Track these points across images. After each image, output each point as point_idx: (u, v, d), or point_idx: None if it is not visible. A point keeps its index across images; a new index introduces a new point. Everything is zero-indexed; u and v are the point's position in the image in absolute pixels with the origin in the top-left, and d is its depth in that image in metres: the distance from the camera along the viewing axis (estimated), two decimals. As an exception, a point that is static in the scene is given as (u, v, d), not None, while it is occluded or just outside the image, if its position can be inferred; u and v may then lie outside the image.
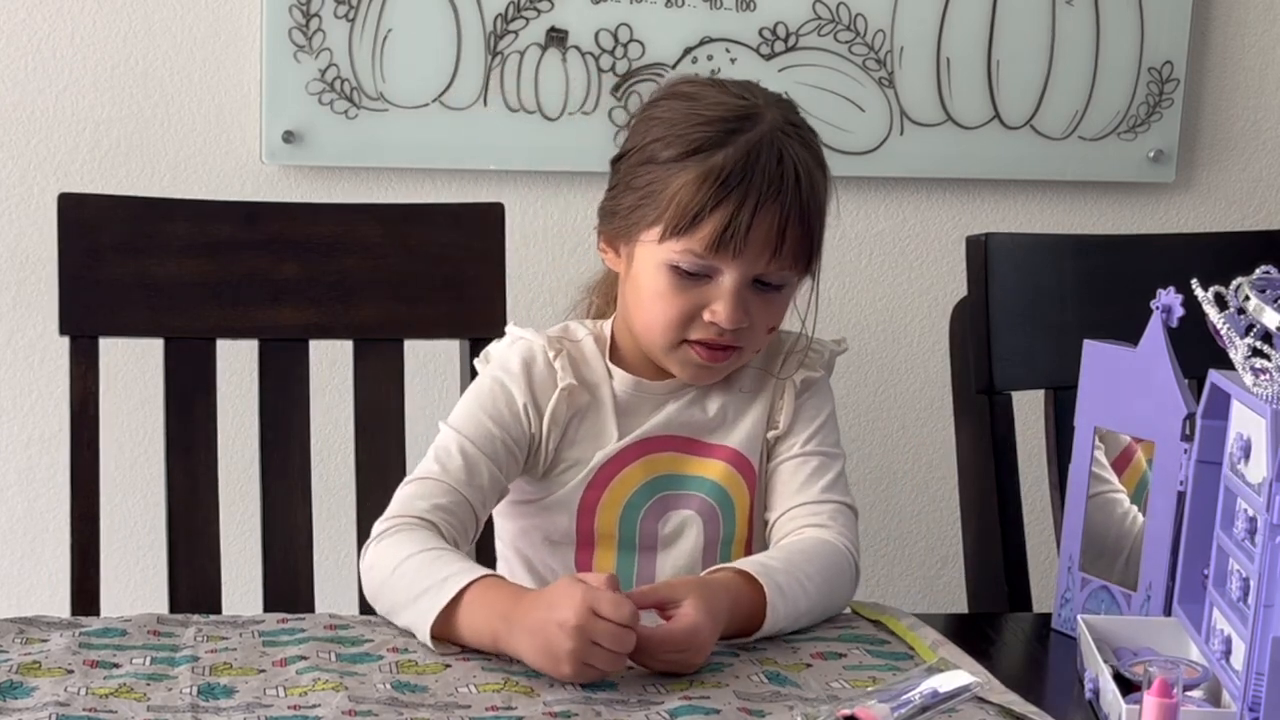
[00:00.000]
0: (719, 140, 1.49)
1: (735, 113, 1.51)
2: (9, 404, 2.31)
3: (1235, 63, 2.53)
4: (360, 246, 1.85)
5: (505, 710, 1.28)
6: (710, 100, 1.53)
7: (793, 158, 1.49)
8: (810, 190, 1.49)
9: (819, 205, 1.51)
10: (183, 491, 1.80)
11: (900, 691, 1.27)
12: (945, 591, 2.56)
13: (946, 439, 2.13)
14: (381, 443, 1.85)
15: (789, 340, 1.65)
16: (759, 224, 1.47)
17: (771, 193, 1.47)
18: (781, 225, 1.48)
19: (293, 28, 2.24)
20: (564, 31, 2.31)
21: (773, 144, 1.49)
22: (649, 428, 1.58)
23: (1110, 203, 2.54)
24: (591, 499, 1.58)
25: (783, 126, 1.51)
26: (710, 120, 1.50)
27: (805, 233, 1.50)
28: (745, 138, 1.49)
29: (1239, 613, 1.34)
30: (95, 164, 2.27)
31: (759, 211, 1.47)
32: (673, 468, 1.59)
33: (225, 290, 1.82)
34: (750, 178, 1.47)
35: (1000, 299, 1.86)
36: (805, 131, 1.54)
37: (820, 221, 1.52)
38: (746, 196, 1.47)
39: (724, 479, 1.60)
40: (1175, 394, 1.50)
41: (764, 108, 1.52)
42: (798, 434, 1.61)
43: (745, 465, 1.60)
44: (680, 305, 1.51)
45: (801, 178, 1.48)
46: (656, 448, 1.59)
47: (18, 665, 1.32)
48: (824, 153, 1.56)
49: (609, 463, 1.58)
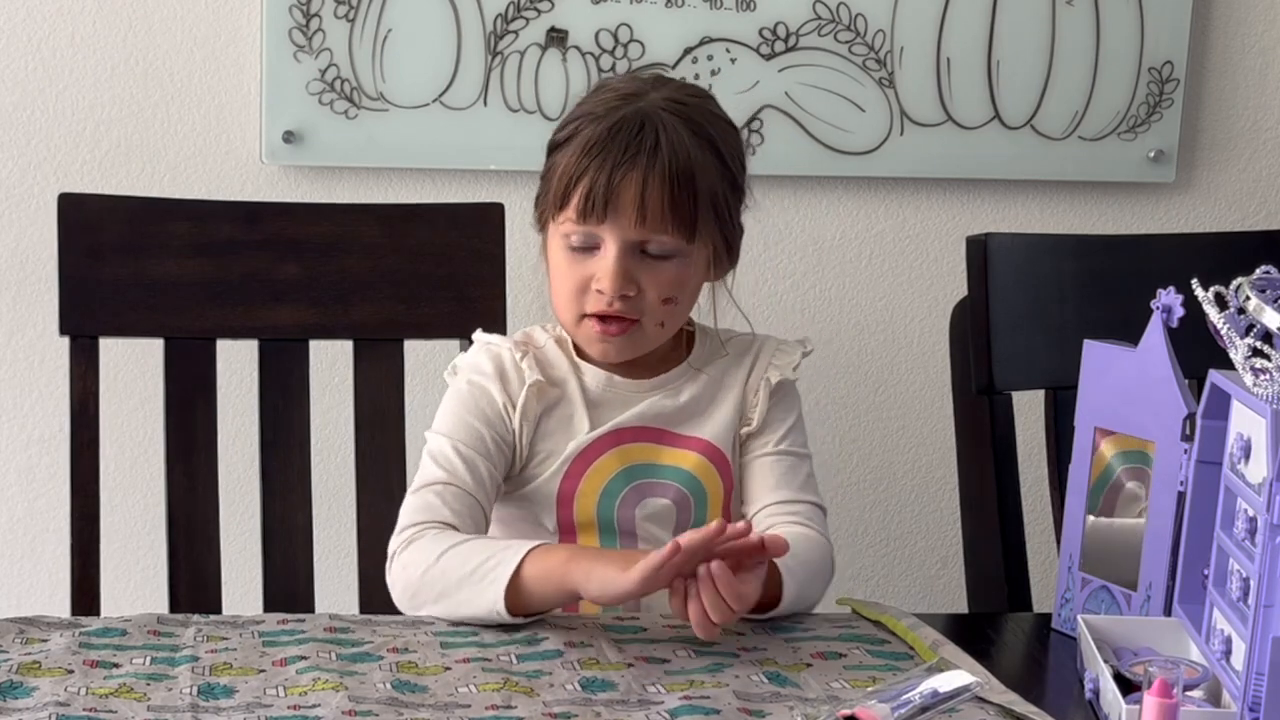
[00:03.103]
0: (597, 120, 1.57)
1: (621, 95, 1.59)
2: (9, 404, 2.31)
3: (1235, 63, 2.53)
4: (360, 246, 1.85)
5: (505, 710, 1.28)
6: (606, 89, 1.62)
7: (658, 128, 1.55)
8: (675, 158, 1.55)
9: (686, 173, 1.55)
10: (183, 491, 1.80)
11: (900, 691, 1.27)
12: (945, 591, 2.57)
13: (946, 439, 2.12)
14: (381, 443, 1.85)
15: (759, 341, 1.70)
16: (622, 189, 1.55)
17: (628, 157, 1.54)
18: (641, 189, 1.54)
19: (293, 28, 2.24)
20: (564, 31, 2.31)
21: (639, 117, 1.56)
22: (621, 419, 1.63)
23: (1110, 203, 2.54)
24: (569, 489, 1.62)
25: (663, 105, 1.58)
26: (596, 105, 1.60)
27: (672, 199, 1.55)
28: (618, 114, 1.57)
29: (1239, 613, 1.34)
30: (95, 164, 2.27)
31: (617, 176, 1.54)
32: (647, 457, 1.63)
33: (225, 290, 1.82)
34: (610, 145, 1.55)
35: (1000, 299, 1.86)
36: (694, 111, 1.59)
37: (691, 190, 1.56)
38: (605, 162, 1.55)
39: (697, 469, 1.64)
40: (1175, 394, 1.50)
41: (650, 91, 1.60)
42: (771, 433, 1.66)
43: (719, 457, 1.65)
44: (573, 278, 1.59)
45: (663, 145, 1.54)
46: (630, 438, 1.63)
47: (18, 665, 1.32)
48: (727, 137, 1.61)
49: (583, 453, 1.62)
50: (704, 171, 1.57)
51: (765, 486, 1.64)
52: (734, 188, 1.62)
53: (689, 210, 1.56)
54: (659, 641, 1.45)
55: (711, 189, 1.58)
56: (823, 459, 2.51)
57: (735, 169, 1.62)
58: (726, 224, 1.61)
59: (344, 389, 1.94)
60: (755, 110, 2.38)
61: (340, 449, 2.14)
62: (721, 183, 1.59)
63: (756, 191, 2.46)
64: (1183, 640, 1.45)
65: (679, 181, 1.55)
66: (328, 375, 2.11)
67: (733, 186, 1.62)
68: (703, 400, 1.66)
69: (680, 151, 1.55)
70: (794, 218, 2.46)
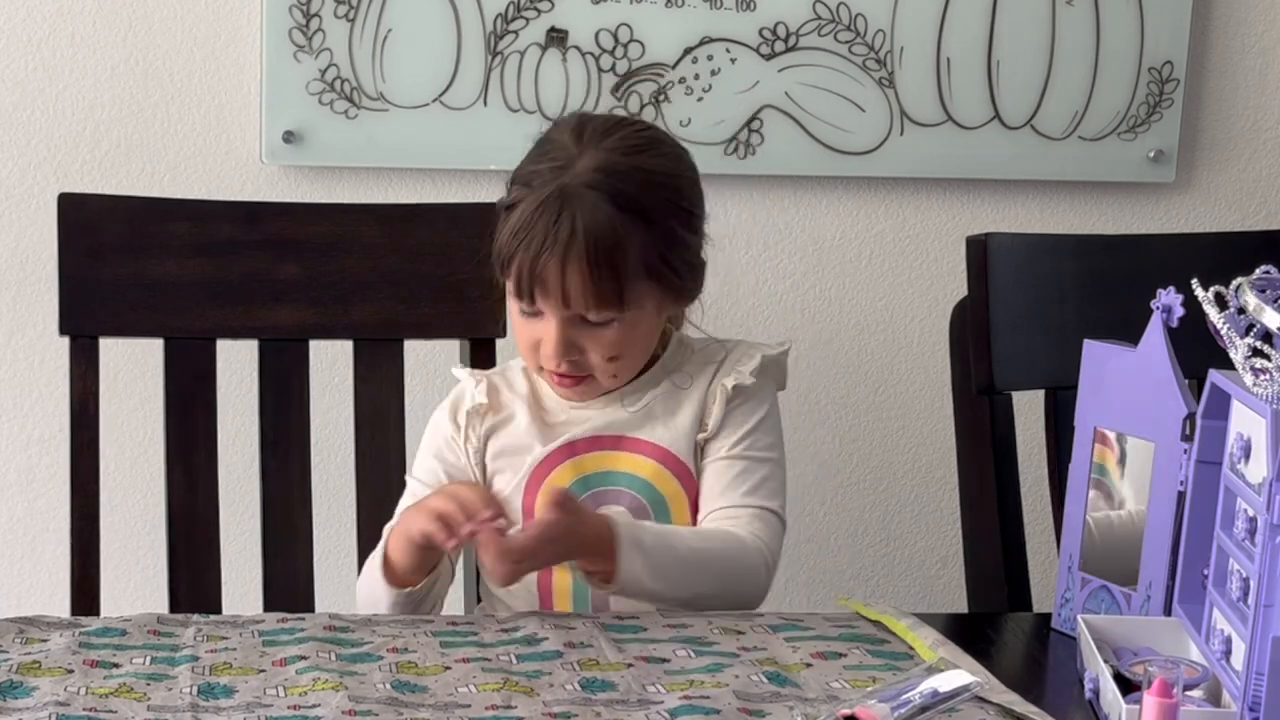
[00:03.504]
0: (528, 193, 1.59)
1: (553, 164, 1.60)
2: (9, 404, 2.31)
3: (1235, 63, 2.53)
4: (360, 246, 1.85)
5: (505, 710, 1.28)
6: (546, 150, 1.63)
7: (575, 212, 1.56)
8: (592, 240, 1.55)
9: (605, 253, 1.56)
10: (183, 491, 1.80)
11: (900, 691, 1.27)
12: (945, 591, 2.57)
13: (946, 439, 2.12)
14: (381, 443, 1.85)
15: (730, 346, 1.71)
16: (545, 275, 1.57)
17: (548, 244, 1.56)
18: (561, 275, 1.56)
19: (293, 28, 2.24)
20: (564, 31, 2.31)
21: (559, 198, 1.57)
22: (574, 432, 1.66)
23: (1110, 203, 2.54)
24: (530, 501, 1.66)
25: (588, 177, 1.58)
26: (531, 172, 1.61)
27: (594, 280, 1.56)
28: (542, 192, 1.58)
29: (1239, 613, 1.34)
30: (95, 164, 2.27)
31: (539, 263, 1.57)
32: (602, 465, 1.66)
33: (225, 290, 1.82)
34: (533, 230, 1.57)
35: (1000, 299, 1.86)
36: (622, 177, 1.59)
37: (613, 266, 1.56)
38: (529, 247, 1.57)
39: (654, 477, 1.65)
40: (1175, 394, 1.50)
41: (581, 156, 1.59)
42: (725, 438, 1.66)
43: (676, 463, 1.66)
44: (525, 337, 1.64)
45: (579, 231, 1.55)
46: (584, 448, 1.67)
47: (18, 665, 1.32)
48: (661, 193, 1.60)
49: (538, 467, 1.66)
50: (628, 243, 1.57)
51: (713, 491, 1.65)
52: (672, 240, 1.61)
53: (613, 286, 1.57)
54: (659, 641, 1.45)
55: (641, 256, 1.58)
56: (823, 459, 2.52)
57: (676, 219, 1.62)
58: (668, 275, 1.61)
59: (344, 389, 1.94)
60: (755, 110, 2.38)
61: (340, 449, 2.14)
62: (657, 242, 1.59)
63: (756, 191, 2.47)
64: (1183, 640, 1.45)
65: (597, 263, 1.56)
66: (328, 375, 2.11)
67: (669, 239, 1.61)
68: (663, 407, 1.67)
69: (598, 231, 1.56)
70: (794, 218, 2.46)
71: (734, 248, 2.44)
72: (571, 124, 1.64)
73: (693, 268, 1.65)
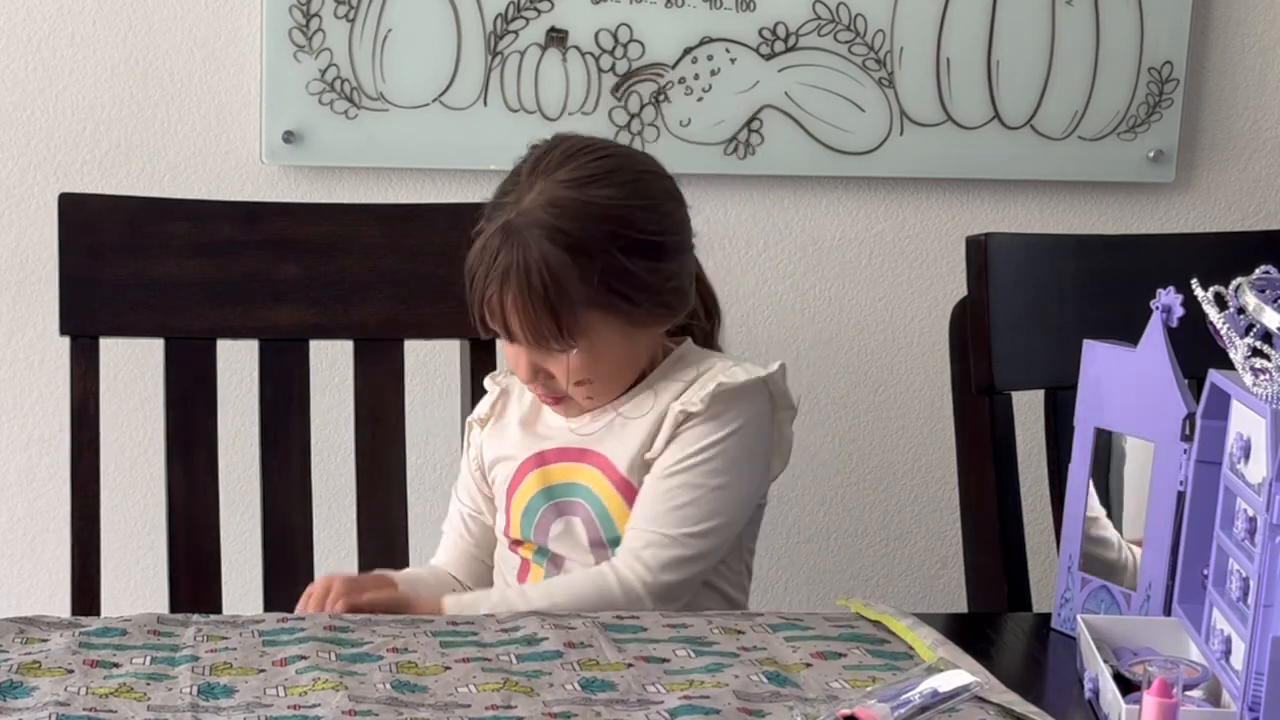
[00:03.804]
0: (485, 226, 1.63)
1: (505, 197, 1.63)
2: (9, 404, 2.31)
3: (1235, 63, 2.53)
4: (360, 246, 1.85)
5: (505, 710, 1.28)
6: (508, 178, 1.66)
7: (512, 252, 1.59)
8: (527, 282, 1.58)
9: (541, 293, 1.58)
10: (183, 491, 1.81)
11: (900, 691, 1.27)
12: (945, 591, 2.57)
13: (946, 439, 2.13)
14: (381, 443, 1.85)
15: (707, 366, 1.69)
16: (489, 312, 1.62)
17: (489, 283, 1.60)
18: (503, 314, 1.61)
19: (293, 28, 2.24)
20: (564, 31, 2.31)
21: (501, 236, 1.60)
22: (544, 442, 1.71)
23: (1110, 203, 2.54)
24: (509, 504, 1.72)
25: (531, 215, 1.60)
26: (493, 205, 1.65)
27: (533, 319, 1.59)
28: (492, 227, 1.62)
29: (1239, 613, 1.34)
30: (95, 164, 2.27)
31: (484, 301, 1.62)
32: (564, 476, 1.69)
33: (225, 290, 1.82)
34: (478, 268, 1.62)
35: (1000, 299, 1.86)
36: (565, 213, 1.60)
37: (550, 305, 1.59)
38: (475, 286, 1.62)
39: (601, 491, 1.67)
40: (1175, 394, 1.50)
41: (530, 190, 1.62)
42: (665, 459, 1.66)
43: (623, 482, 1.67)
44: (507, 355, 1.68)
45: (514, 272, 1.58)
46: (551, 459, 1.70)
47: (18, 665, 1.32)
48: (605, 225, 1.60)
49: (514, 475, 1.71)
50: (565, 279, 1.58)
51: (635, 510, 1.65)
52: (618, 271, 1.60)
53: (550, 322, 1.59)
54: (659, 641, 1.45)
55: (582, 290, 1.59)
56: (823, 459, 2.52)
57: (624, 249, 1.61)
58: (620, 304, 1.62)
59: (344, 389, 1.94)
60: (755, 110, 2.38)
61: (340, 449, 2.14)
62: (600, 275, 1.59)
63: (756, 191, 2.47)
64: (1182, 640, 1.45)
65: (534, 303, 1.59)
66: (328, 375, 2.11)
67: (615, 271, 1.60)
68: (618, 422, 1.68)
69: (534, 272, 1.58)
70: (794, 218, 2.46)
71: (734, 248, 2.44)
72: (539, 152, 1.66)
73: (657, 292, 1.64)
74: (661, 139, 2.35)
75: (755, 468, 1.70)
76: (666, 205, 1.67)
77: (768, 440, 1.71)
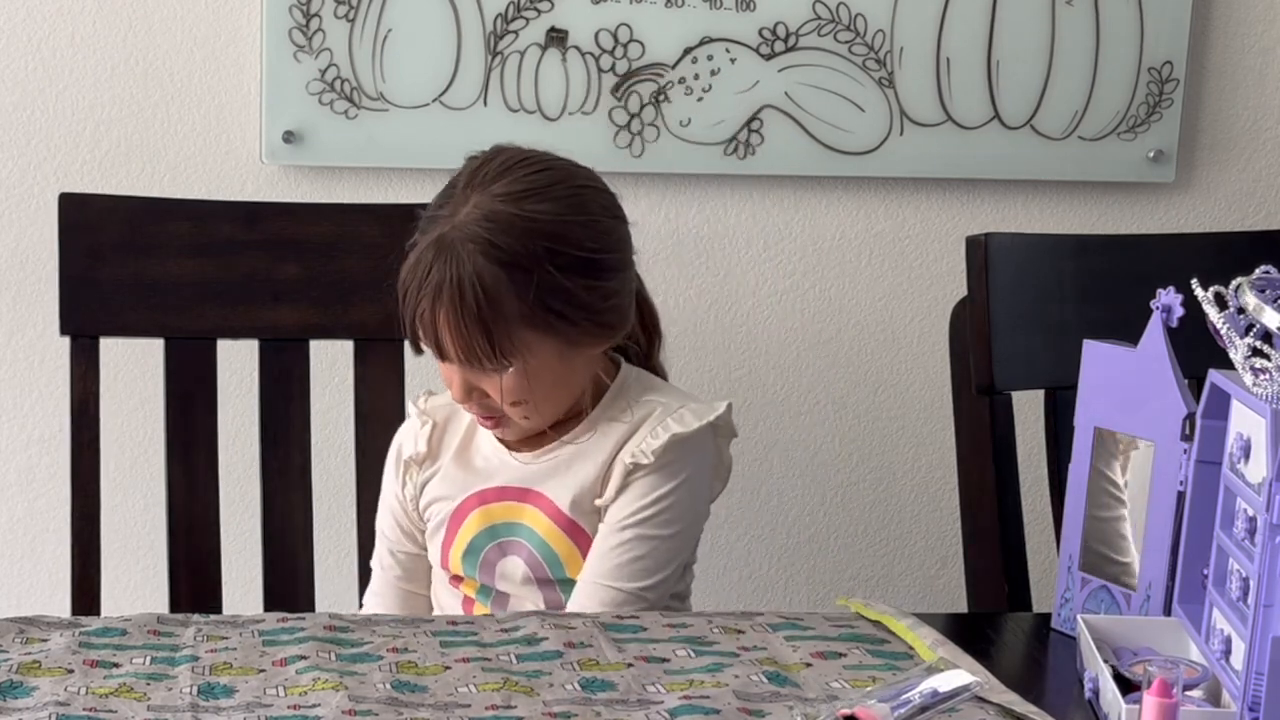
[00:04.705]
0: (419, 239, 1.59)
1: (440, 210, 1.59)
2: (9, 404, 2.31)
3: (1235, 63, 2.53)
4: (360, 246, 1.85)
5: (505, 710, 1.28)
6: (444, 190, 1.62)
7: (443, 266, 1.55)
8: (458, 299, 1.54)
9: (472, 310, 1.54)
10: (183, 491, 1.81)
11: (900, 691, 1.27)
12: (945, 591, 2.57)
13: (946, 439, 2.13)
14: (381, 443, 1.85)
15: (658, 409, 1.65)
16: (421, 328, 1.58)
17: (421, 298, 1.56)
18: (434, 330, 1.57)
19: (293, 28, 2.24)
20: (564, 31, 2.31)
21: (433, 250, 1.56)
22: (484, 481, 1.68)
23: (1110, 203, 2.54)
24: (447, 544, 1.69)
25: (465, 230, 1.55)
26: (428, 217, 1.60)
27: (463, 336, 1.55)
28: (425, 240, 1.57)
29: (1239, 613, 1.34)
30: (95, 164, 2.27)
31: (416, 316, 1.57)
32: (507, 516, 1.67)
33: (225, 290, 1.82)
34: (410, 282, 1.57)
35: (1000, 299, 1.86)
36: (500, 228, 1.55)
37: (482, 323, 1.54)
38: (407, 300, 1.58)
39: (548, 534, 1.65)
40: (1175, 394, 1.50)
41: (464, 203, 1.57)
42: (619, 508, 1.63)
43: (571, 526, 1.64)
44: (443, 374, 1.64)
45: (446, 289, 1.54)
46: (492, 498, 1.67)
47: (18, 665, 1.32)
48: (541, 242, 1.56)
49: (454, 513, 1.68)
50: (499, 295, 1.54)
51: (589, 559, 1.63)
52: (555, 288, 1.56)
53: (483, 340, 1.55)
54: (659, 641, 1.45)
55: (517, 308, 1.55)
56: (823, 459, 2.52)
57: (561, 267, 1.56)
58: (557, 324, 1.57)
59: (344, 389, 1.94)
60: (755, 110, 2.38)
61: (340, 449, 2.14)
62: (536, 292, 1.55)
63: (756, 191, 2.47)
64: (1182, 640, 1.45)
65: (464, 321, 1.54)
66: (328, 375, 2.11)
67: (551, 288, 1.56)
68: (568, 464, 1.65)
69: (467, 287, 1.54)
70: (794, 218, 2.46)
71: (734, 248, 2.44)
72: (476, 164, 1.62)
73: (595, 311, 1.59)
74: (661, 139, 2.35)
75: (703, 507, 1.69)
76: (606, 222, 1.62)
77: (713, 474, 1.69)
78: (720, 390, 2.44)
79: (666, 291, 2.34)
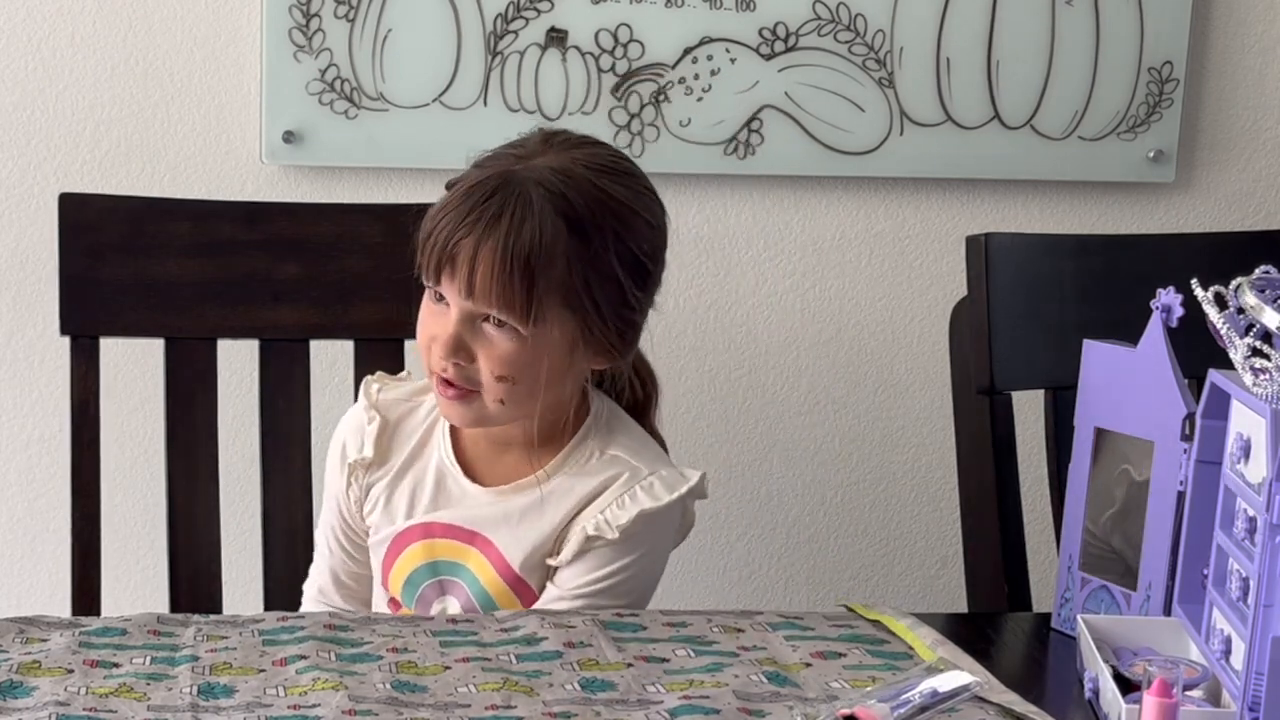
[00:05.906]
0: (474, 173, 1.52)
1: (513, 153, 1.53)
2: (9, 404, 2.31)
3: (1235, 63, 2.53)
4: (360, 246, 1.85)
5: (505, 710, 1.28)
6: (511, 145, 1.55)
7: (513, 198, 1.47)
8: (516, 235, 1.46)
9: (523, 253, 1.46)
10: (183, 491, 1.80)
11: (900, 691, 1.27)
12: (945, 591, 2.57)
13: (946, 439, 2.12)
14: (381, 443, 1.85)
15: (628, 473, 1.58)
16: (457, 253, 1.48)
17: (469, 222, 1.47)
18: (472, 259, 1.47)
19: (293, 28, 2.24)
20: (564, 31, 2.31)
21: (499, 183, 1.49)
22: (435, 515, 1.61)
23: (1110, 203, 2.54)
24: (388, 566, 1.64)
25: (541, 175, 1.49)
26: (488, 156, 1.54)
27: (502, 276, 1.46)
28: (487, 173, 1.50)
29: (1239, 613, 1.34)
30: (95, 164, 2.27)
31: (454, 239, 1.48)
32: (451, 554, 1.61)
33: (225, 290, 1.82)
34: (461, 207, 1.49)
35: (1000, 299, 1.86)
36: (577, 188, 1.49)
37: (527, 272, 1.46)
38: (449, 223, 1.49)
39: (490, 584, 1.60)
40: (1175, 394, 1.50)
41: (547, 153, 1.52)
42: (571, 574, 1.57)
43: (517, 582, 1.59)
44: (426, 331, 1.54)
45: (506, 219, 1.46)
46: (439, 533, 1.61)
47: (18, 665, 1.32)
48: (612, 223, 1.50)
49: (397, 538, 1.62)
50: (555, 252, 1.47)
51: None
52: (604, 273, 1.50)
53: (522, 292, 1.46)
54: (659, 641, 1.45)
55: (564, 274, 1.48)
56: (823, 459, 2.52)
57: (618, 253, 1.51)
58: (588, 312, 1.51)
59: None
60: (755, 110, 2.38)
61: (340, 449, 2.14)
62: (586, 268, 1.49)
63: (756, 191, 2.47)
64: (1182, 640, 1.46)
65: (513, 260, 1.46)
66: (328, 375, 2.11)
67: (601, 271, 1.50)
68: (526, 515, 1.58)
69: (527, 229, 1.46)
70: (794, 218, 2.46)
71: (734, 248, 2.44)
72: (549, 131, 1.56)
73: (622, 316, 1.53)
74: (661, 139, 2.35)
75: (660, 570, 1.62)
76: (662, 238, 1.57)
77: (676, 539, 1.63)
78: (720, 390, 2.44)
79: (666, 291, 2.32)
